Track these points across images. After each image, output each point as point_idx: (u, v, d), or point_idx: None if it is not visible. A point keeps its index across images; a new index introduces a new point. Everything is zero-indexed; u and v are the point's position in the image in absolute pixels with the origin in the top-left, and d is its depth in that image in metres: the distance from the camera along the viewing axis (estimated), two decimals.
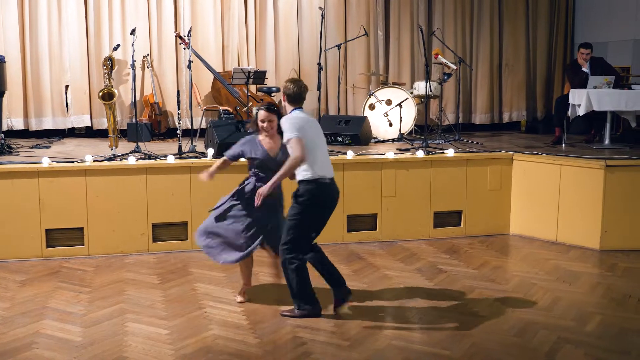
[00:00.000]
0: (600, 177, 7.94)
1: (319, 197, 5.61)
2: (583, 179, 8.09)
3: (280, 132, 5.79)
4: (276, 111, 5.91)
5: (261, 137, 5.92)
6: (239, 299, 6.15)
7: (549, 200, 8.40)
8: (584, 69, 9.88)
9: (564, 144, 9.57)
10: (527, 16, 12.57)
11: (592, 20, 12.40)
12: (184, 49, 9.98)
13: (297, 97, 5.66)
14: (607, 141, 9.47)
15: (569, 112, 9.43)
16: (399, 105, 9.97)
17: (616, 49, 11.71)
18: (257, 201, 5.53)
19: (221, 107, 10.02)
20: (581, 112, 9.12)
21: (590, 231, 8.06)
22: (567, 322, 5.73)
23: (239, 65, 10.83)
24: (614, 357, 5.04)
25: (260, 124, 5.86)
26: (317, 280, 5.78)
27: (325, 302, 5.89)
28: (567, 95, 9.61)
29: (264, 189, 5.52)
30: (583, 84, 9.43)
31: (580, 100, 9.13)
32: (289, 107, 5.72)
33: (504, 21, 12.42)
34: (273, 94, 10.76)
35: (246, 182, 6.00)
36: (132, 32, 8.62)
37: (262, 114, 5.84)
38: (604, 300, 6.33)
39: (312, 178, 5.54)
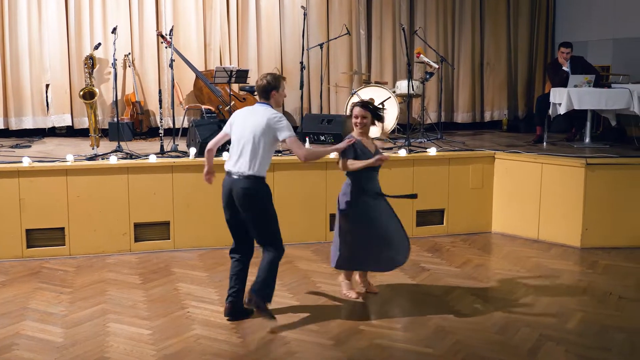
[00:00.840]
0: (581, 176, 7.99)
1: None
2: (564, 177, 8.14)
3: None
4: (370, 109, 5.94)
5: (357, 136, 5.97)
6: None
7: (530, 199, 8.44)
8: (564, 68, 9.94)
9: (545, 143, 9.62)
10: (508, 16, 12.62)
11: (572, 20, 12.47)
12: (166, 47, 9.94)
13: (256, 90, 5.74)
14: (587, 140, 9.53)
15: (550, 111, 9.47)
16: (382, 104, 9.97)
17: (596, 48, 11.78)
18: None
19: (203, 106, 9.98)
20: (562, 110, 9.16)
21: (571, 229, 8.11)
22: (549, 319, 5.76)
23: (221, 64, 10.80)
24: (595, 354, 5.08)
25: (354, 120, 5.94)
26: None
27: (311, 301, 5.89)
28: (548, 94, 9.66)
29: None
30: (564, 83, 9.48)
31: (561, 99, 9.18)
32: None
33: (486, 20, 12.46)
34: (255, 93, 10.73)
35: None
36: (114, 30, 8.57)
37: (357, 110, 5.92)
38: (585, 297, 6.38)
39: None
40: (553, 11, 12.87)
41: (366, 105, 5.96)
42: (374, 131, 9.80)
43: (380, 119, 6.02)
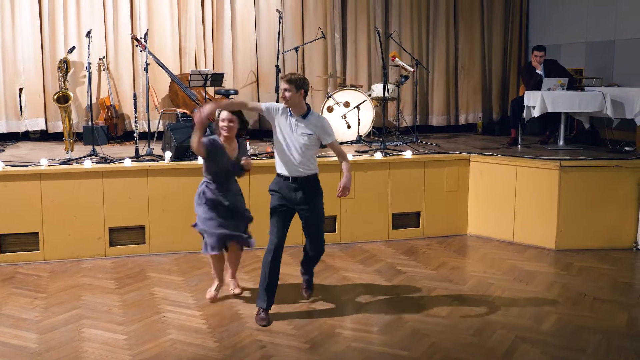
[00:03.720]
0: (555, 178, 8.06)
1: None
2: (538, 179, 8.21)
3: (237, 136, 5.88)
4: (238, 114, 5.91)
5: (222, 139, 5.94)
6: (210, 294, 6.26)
7: (505, 201, 8.50)
8: (538, 71, 10.01)
9: (519, 145, 9.69)
10: (482, 19, 12.70)
11: (545, 24, 12.57)
12: (141, 51, 9.87)
13: None
14: (561, 142, 9.61)
15: (524, 114, 9.55)
16: (357, 107, 10.00)
17: (569, 51, 11.89)
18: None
19: (178, 110, 9.95)
20: (536, 113, 9.23)
21: (546, 231, 8.17)
22: (524, 321, 5.80)
23: (196, 67, 10.77)
24: (570, 355, 5.12)
25: (220, 124, 5.87)
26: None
27: (284, 301, 5.89)
28: (522, 97, 9.74)
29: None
30: (537, 86, 9.56)
31: (535, 102, 9.26)
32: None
33: (460, 24, 12.54)
34: (231, 96, 10.71)
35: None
36: (88, 34, 8.51)
37: (224, 114, 5.85)
38: (560, 299, 6.42)
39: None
40: (526, 15, 12.97)
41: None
42: (349, 134, 9.85)
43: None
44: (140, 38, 9.18)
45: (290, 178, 5.77)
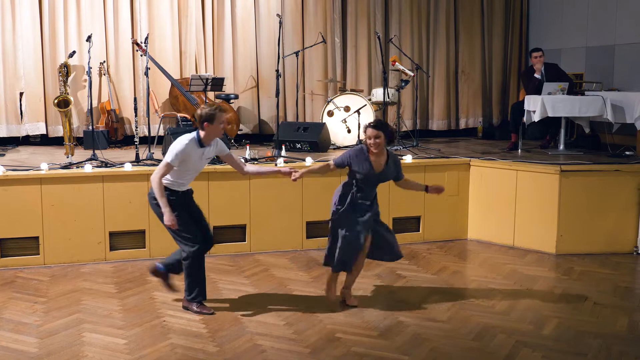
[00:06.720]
0: (555, 182, 8.06)
1: None
2: (539, 184, 8.20)
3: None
4: (383, 127, 5.96)
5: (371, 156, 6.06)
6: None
7: (505, 206, 8.49)
8: (536, 75, 10.00)
9: (519, 150, 9.69)
10: (482, 24, 12.70)
11: (545, 28, 12.58)
12: (141, 55, 9.90)
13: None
14: (561, 146, 9.61)
15: (525, 118, 9.55)
16: (357, 111, 9.99)
17: (569, 55, 11.89)
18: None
19: (179, 114, 9.95)
20: (536, 118, 9.23)
21: (547, 235, 8.16)
22: (525, 325, 5.79)
23: (196, 72, 10.78)
24: (570, 359, 5.11)
25: (367, 141, 5.96)
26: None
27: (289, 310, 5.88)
28: (523, 101, 9.74)
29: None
30: (537, 90, 9.56)
31: (535, 107, 9.26)
32: None
33: (460, 29, 12.54)
34: (231, 100, 10.72)
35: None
36: (89, 38, 8.52)
37: (369, 131, 5.93)
38: (561, 303, 6.42)
39: None
40: (527, 19, 12.98)
41: (378, 124, 6.00)
42: (349, 138, 9.83)
43: (393, 136, 6.12)
44: (141, 42, 9.20)
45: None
